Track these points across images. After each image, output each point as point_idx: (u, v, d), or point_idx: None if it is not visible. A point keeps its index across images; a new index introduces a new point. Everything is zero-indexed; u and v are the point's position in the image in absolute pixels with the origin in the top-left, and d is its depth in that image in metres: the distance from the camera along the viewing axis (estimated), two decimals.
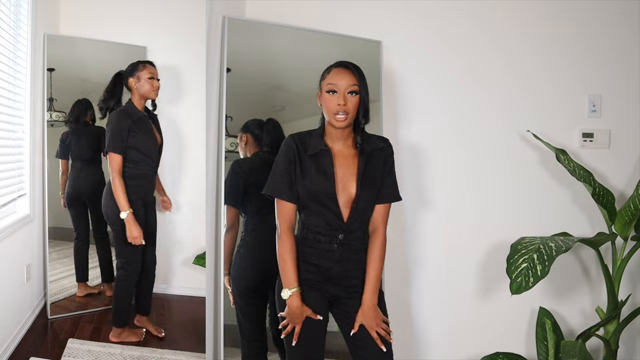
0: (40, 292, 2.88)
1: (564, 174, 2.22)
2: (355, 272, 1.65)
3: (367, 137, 1.66)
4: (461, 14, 2.33)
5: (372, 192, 1.64)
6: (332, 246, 1.61)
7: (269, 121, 2.10)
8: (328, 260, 1.62)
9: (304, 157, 1.62)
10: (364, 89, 1.60)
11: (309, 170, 1.61)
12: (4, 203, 2.42)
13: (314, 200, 1.61)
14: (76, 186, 2.83)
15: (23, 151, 2.68)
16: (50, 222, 2.86)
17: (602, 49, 2.30)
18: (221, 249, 2.02)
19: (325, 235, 1.61)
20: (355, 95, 1.59)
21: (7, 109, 2.50)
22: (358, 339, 1.64)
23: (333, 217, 1.60)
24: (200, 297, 2.50)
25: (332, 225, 1.61)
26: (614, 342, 2.07)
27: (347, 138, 1.65)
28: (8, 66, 2.48)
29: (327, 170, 1.61)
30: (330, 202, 1.60)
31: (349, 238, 1.62)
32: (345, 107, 1.57)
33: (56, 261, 2.89)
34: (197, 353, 2.52)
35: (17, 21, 2.60)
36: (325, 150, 1.62)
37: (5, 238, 2.34)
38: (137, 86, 2.50)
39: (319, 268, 1.63)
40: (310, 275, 1.64)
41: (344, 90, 1.58)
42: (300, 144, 1.63)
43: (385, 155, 1.68)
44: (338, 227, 1.61)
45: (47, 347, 2.51)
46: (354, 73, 1.60)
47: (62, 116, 2.87)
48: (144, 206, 2.57)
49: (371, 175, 1.63)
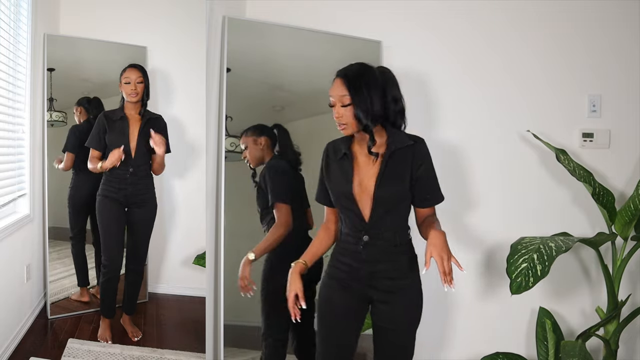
0: (40, 292, 2.88)
1: (564, 174, 2.22)
2: (390, 273, 1.62)
3: (394, 135, 1.63)
4: (461, 14, 2.33)
5: (395, 190, 1.61)
6: (357, 247, 1.62)
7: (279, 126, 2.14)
8: (356, 261, 1.63)
9: (331, 163, 1.69)
10: (358, 97, 1.56)
11: (335, 174, 1.67)
12: (4, 203, 2.42)
13: (338, 202, 1.67)
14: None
15: (23, 151, 2.68)
16: (50, 222, 2.86)
17: (602, 48, 2.30)
18: (221, 249, 2.02)
19: (352, 237, 1.64)
20: (348, 106, 1.57)
21: (7, 109, 2.50)
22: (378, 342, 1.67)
23: (355, 217, 1.62)
24: (200, 297, 2.50)
25: (356, 226, 1.63)
26: (614, 342, 2.07)
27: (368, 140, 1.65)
28: (8, 66, 2.48)
29: (348, 172, 1.64)
30: (350, 203, 1.62)
31: (375, 239, 1.61)
32: (341, 119, 1.59)
33: (56, 261, 2.89)
34: (197, 353, 2.52)
35: (17, 21, 2.60)
36: (346, 154, 1.65)
37: (5, 238, 2.34)
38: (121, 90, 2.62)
39: (350, 268, 1.64)
40: (342, 274, 1.66)
41: (338, 103, 1.59)
42: (332, 149, 1.71)
43: (415, 153, 1.62)
44: (362, 228, 1.62)
45: (47, 347, 2.51)
46: (345, 83, 1.57)
47: (62, 116, 2.88)
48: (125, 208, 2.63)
49: (393, 174, 1.61)
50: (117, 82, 2.62)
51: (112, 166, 2.53)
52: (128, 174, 2.60)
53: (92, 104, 2.90)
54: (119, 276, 2.69)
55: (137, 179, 2.63)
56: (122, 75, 2.60)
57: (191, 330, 2.79)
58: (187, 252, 3.02)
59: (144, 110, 2.64)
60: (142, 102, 2.63)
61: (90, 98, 2.91)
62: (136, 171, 2.61)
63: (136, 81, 2.58)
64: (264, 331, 2.03)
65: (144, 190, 2.67)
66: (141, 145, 2.61)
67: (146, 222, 2.71)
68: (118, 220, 2.63)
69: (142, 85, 2.61)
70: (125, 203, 2.63)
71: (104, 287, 2.67)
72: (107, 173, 2.60)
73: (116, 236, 2.64)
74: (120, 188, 2.60)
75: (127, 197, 2.62)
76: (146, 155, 2.64)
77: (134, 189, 2.63)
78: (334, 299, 1.67)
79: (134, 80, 2.58)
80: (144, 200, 2.67)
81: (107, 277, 2.63)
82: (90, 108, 2.89)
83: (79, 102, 2.89)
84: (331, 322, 1.68)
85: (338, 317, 1.67)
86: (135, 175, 2.62)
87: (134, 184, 2.62)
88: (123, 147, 2.53)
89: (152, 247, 3.16)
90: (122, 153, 2.52)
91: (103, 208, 2.62)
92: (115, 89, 2.67)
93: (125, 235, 2.70)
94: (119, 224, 2.64)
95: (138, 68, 2.62)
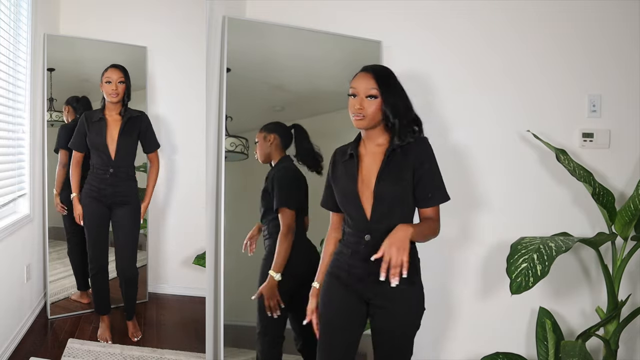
0: (40, 292, 2.88)
1: (564, 174, 2.22)
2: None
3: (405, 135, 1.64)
4: (461, 14, 2.33)
5: (394, 187, 1.61)
6: (359, 247, 1.63)
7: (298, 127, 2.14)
8: (358, 260, 1.63)
9: (338, 165, 1.71)
10: (388, 92, 1.60)
11: (341, 175, 1.69)
12: (4, 203, 2.42)
13: (342, 203, 1.68)
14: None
15: (23, 151, 2.69)
16: (50, 222, 2.87)
17: (602, 48, 2.30)
18: (221, 249, 2.02)
19: (355, 237, 1.64)
20: (375, 99, 1.60)
21: (7, 109, 2.51)
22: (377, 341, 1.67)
23: (358, 216, 1.63)
24: (200, 297, 2.51)
25: (359, 226, 1.63)
26: (614, 342, 2.07)
27: (377, 138, 1.66)
28: (8, 66, 2.48)
29: (353, 172, 1.65)
30: (353, 202, 1.63)
31: (376, 238, 1.59)
32: (361, 110, 1.60)
33: (56, 261, 2.90)
34: (197, 353, 2.52)
35: (17, 21, 2.60)
36: (352, 154, 1.67)
37: (5, 238, 2.34)
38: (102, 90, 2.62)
39: (350, 267, 1.65)
40: (344, 273, 1.66)
41: (363, 94, 1.61)
42: (340, 153, 1.73)
43: (416, 152, 1.63)
44: (364, 227, 1.62)
45: (47, 347, 2.52)
46: (374, 77, 1.62)
47: (62, 116, 2.88)
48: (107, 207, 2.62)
49: (395, 170, 1.61)
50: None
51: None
52: (108, 174, 2.58)
53: (80, 103, 2.89)
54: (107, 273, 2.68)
55: (117, 180, 2.60)
56: (104, 75, 2.59)
57: (191, 330, 2.79)
58: (187, 252, 3.02)
59: (124, 110, 2.62)
60: (122, 102, 2.61)
61: (79, 97, 2.90)
62: (116, 172, 2.59)
63: (117, 81, 2.57)
64: (260, 330, 2.03)
65: (125, 192, 2.64)
66: (123, 147, 2.59)
67: (129, 222, 2.66)
68: (99, 218, 2.62)
69: (124, 85, 2.59)
70: (106, 202, 2.61)
71: (92, 283, 2.69)
72: (91, 172, 2.61)
73: (97, 234, 2.63)
74: (100, 188, 2.59)
75: (107, 197, 2.60)
76: (129, 156, 2.64)
77: (114, 189, 2.60)
78: (336, 299, 1.67)
79: (115, 80, 2.56)
80: (125, 200, 2.63)
81: (92, 272, 2.65)
82: (78, 107, 2.88)
83: (68, 101, 2.89)
84: (332, 322, 1.67)
85: (339, 317, 1.67)
86: (116, 177, 2.59)
87: (113, 185, 2.60)
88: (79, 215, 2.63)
89: (152, 247, 3.17)
90: (79, 214, 2.62)
91: (85, 205, 2.63)
92: None
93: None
94: (100, 222, 2.63)
95: (119, 68, 2.60)
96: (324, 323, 1.69)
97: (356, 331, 1.68)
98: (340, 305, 1.66)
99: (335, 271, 1.69)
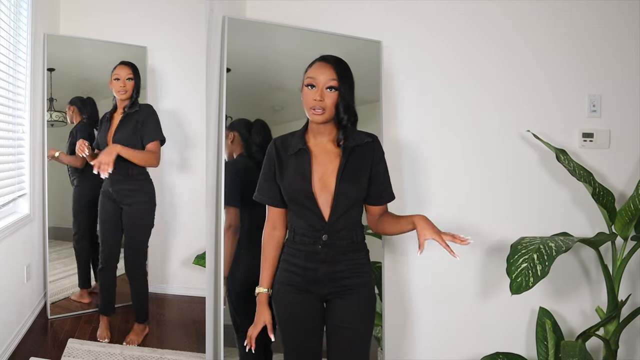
0: (40, 292, 2.88)
1: (564, 174, 2.22)
2: (346, 272, 1.60)
3: (352, 133, 1.59)
4: (461, 14, 2.33)
5: (355, 188, 1.58)
6: (316, 247, 1.58)
7: (257, 122, 2.10)
8: (313, 262, 1.59)
9: (284, 159, 1.62)
10: (345, 85, 1.54)
11: (288, 171, 1.60)
12: (4, 203, 2.42)
13: (294, 201, 1.60)
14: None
15: (23, 151, 2.68)
16: (50, 222, 2.87)
17: (602, 49, 2.30)
18: (221, 249, 2.02)
19: (309, 237, 1.58)
20: (334, 90, 1.54)
21: (7, 109, 2.51)
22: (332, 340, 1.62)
23: (314, 217, 1.57)
24: (200, 297, 2.51)
25: (314, 226, 1.58)
26: (614, 342, 2.07)
27: (329, 134, 1.60)
28: (8, 66, 2.48)
29: (305, 169, 1.58)
30: (309, 202, 1.57)
31: (333, 238, 1.58)
32: (321, 103, 1.53)
33: (56, 261, 2.90)
34: (197, 353, 2.52)
35: (17, 21, 2.60)
36: (303, 149, 1.59)
37: (5, 238, 2.34)
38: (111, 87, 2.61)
39: (305, 270, 1.60)
40: (297, 277, 1.61)
41: (323, 85, 1.53)
42: (281, 145, 1.63)
43: (373, 151, 1.61)
44: (321, 227, 1.57)
45: (47, 347, 2.52)
46: (334, 68, 1.55)
47: (62, 116, 2.88)
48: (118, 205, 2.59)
49: (354, 171, 1.58)
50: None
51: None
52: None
53: (85, 104, 2.89)
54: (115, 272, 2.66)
55: (116, 178, 2.51)
56: (113, 72, 2.58)
57: (191, 330, 2.79)
58: (187, 252, 3.02)
59: (129, 107, 2.57)
60: (130, 99, 2.58)
61: (84, 98, 2.90)
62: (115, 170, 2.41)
63: (125, 78, 2.55)
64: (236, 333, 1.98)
65: (129, 192, 2.58)
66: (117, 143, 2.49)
67: (135, 222, 2.62)
68: (110, 215, 2.61)
69: (132, 82, 2.57)
70: (117, 201, 2.59)
71: (99, 277, 2.68)
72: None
73: (107, 230, 2.63)
74: (106, 185, 2.60)
75: (112, 194, 2.58)
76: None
77: (117, 187, 2.55)
78: (292, 305, 1.61)
79: (124, 77, 2.55)
80: (132, 199, 2.58)
81: (100, 266, 2.64)
82: (84, 108, 2.88)
83: (72, 101, 2.89)
84: (294, 328, 1.62)
85: (300, 322, 1.62)
86: (115, 175, 2.44)
87: (116, 183, 2.54)
88: (87, 142, 2.52)
89: (152, 247, 3.16)
90: (84, 145, 2.48)
91: (99, 202, 2.65)
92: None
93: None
94: (111, 220, 2.62)
95: (128, 65, 2.59)
96: (286, 330, 1.63)
97: (319, 332, 1.64)
98: (299, 311, 1.61)
99: (287, 278, 1.62)
